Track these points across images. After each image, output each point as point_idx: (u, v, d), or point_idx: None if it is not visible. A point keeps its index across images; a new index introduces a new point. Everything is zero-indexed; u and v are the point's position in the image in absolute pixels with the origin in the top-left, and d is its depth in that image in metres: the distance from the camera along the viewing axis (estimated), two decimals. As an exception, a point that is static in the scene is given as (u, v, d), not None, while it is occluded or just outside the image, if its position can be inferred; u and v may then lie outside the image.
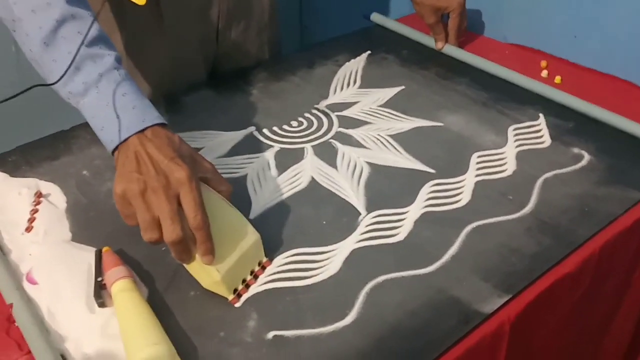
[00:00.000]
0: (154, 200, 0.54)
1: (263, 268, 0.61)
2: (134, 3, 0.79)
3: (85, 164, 0.76)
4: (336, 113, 0.86)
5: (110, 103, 0.59)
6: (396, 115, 0.86)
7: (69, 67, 0.57)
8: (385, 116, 0.86)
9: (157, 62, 0.90)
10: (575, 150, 0.78)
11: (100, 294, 0.56)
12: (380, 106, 0.88)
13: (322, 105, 0.88)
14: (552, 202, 0.70)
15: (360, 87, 0.93)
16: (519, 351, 0.60)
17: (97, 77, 0.59)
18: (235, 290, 0.58)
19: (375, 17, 1.13)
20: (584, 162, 0.76)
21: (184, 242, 0.54)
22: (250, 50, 0.99)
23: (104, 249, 0.61)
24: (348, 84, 0.94)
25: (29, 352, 0.53)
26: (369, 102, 0.89)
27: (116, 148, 0.59)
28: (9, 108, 0.62)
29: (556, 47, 0.99)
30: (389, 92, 0.91)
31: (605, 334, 0.80)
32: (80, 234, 0.66)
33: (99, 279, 0.57)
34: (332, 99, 0.90)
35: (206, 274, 0.57)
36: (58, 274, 0.59)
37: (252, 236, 0.60)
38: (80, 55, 0.58)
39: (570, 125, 0.83)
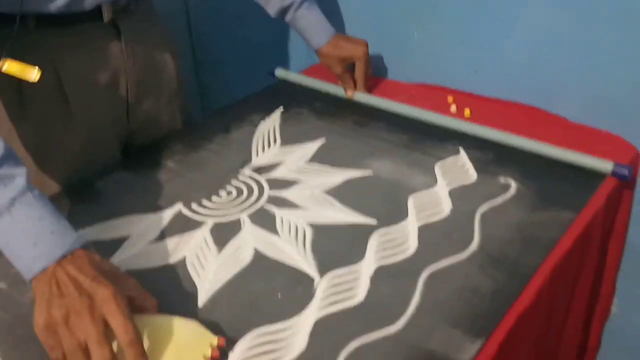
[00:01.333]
0: (79, 323, 0.51)
1: (219, 348, 0.57)
2: (34, 89, 0.73)
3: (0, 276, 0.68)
4: (264, 176, 0.84)
5: (26, 230, 0.54)
6: (324, 169, 0.85)
7: None
8: (314, 171, 0.85)
9: (68, 149, 0.83)
10: (502, 179, 0.81)
11: None
12: (307, 162, 0.87)
13: (247, 170, 0.86)
14: (494, 235, 0.71)
15: (282, 144, 0.92)
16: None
17: (9, 201, 0.54)
18: None
19: (280, 73, 1.13)
20: (512, 191, 0.79)
21: None
22: (163, 120, 0.95)
23: (45, 371, 0.54)
24: (269, 144, 0.92)
25: None
26: (294, 159, 0.88)
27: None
28: None
29: (459, 81, 1.03)
30: (312, 147, 0.90)
31: (559, 345, 0.82)
32: (12, 356, 0.58)
33: (46, 408, 0.51)
34: (256, 161, 0.88)
35: None
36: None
37: (183, 326, 0.57)
38: None
39: (490, 156, 0.86)
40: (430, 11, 1.02)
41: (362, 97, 1.02)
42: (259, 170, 0.85)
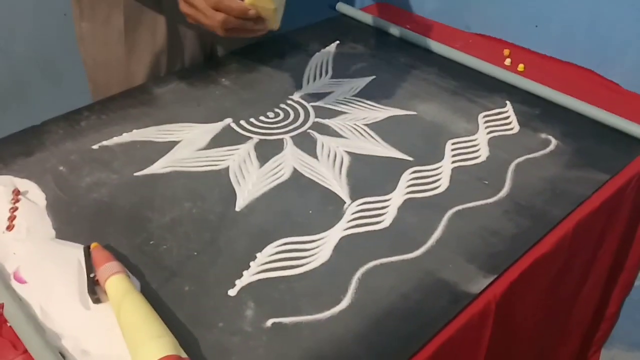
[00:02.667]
0: None
1: None
2: None
3: (61, 160, 0.75)
4: (311, 103, 0.87)
5: None
6: (370, 105, 0.88)
7: None
8: (360, 106, 0.87)
9: (155, 39, 0.90)
10: (543, 135, 0.82)
11: (95, 289, 0.56)
12: (354, 96, 0.90)
13: (297, 95, 0.89)
14: (525, 185, 0.73)
15: (332, 77, 0.94)
16: (503, 327, 0.63)
17: None
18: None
19: (341, 7, 1.14)
20: (551, 147, 0.80)
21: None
22: None
23: (92, 245, 0.60)
24: (320, 74, 0.95)
25: (25, 351, 0.52)
26: (342, 92, 0.90)
27: None
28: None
29: (518, 36, 1.03)
30: (361, 82, 0.93)
31: (574, 304, 0.85)
32: (64, 230, 0.65)
33: (92, 275, 0.57)
34: (306, 89, 0.91)
35: None
36: (47, 272, 0.58)
37: None
38: None
39: (536, 112, 0.87)
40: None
41: (418, 39, 1.02)
42: (308, 97, 0.89)
